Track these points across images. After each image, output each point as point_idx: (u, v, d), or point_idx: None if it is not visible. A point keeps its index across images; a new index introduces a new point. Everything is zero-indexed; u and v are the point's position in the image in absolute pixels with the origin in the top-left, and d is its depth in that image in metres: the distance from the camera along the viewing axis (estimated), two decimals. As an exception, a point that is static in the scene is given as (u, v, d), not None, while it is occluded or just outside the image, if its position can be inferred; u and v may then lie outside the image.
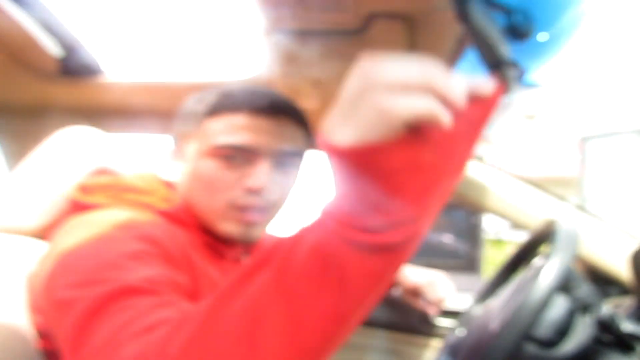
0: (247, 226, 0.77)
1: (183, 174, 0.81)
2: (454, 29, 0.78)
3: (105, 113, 1.27)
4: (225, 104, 0.77)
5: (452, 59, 0.89)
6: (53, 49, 1.11)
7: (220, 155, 0.75)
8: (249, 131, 0.75)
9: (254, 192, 0.75)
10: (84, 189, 0.80)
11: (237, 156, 0.75)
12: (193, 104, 0.82)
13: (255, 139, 0.75)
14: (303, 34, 0.83)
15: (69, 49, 1.13)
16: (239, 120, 0.76)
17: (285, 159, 0.78)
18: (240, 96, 0.78)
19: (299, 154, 0.80)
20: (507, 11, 0.58)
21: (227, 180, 0.76)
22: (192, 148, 0.79)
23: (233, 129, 0.75)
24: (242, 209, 0.76)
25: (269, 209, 0.79)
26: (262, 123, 0.76)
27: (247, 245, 0.85)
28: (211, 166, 0.76)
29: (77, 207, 0.77)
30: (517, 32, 0.57)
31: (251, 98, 0.77)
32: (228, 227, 0.77)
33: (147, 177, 0.83)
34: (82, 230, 0.67)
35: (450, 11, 0.57)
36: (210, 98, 0.79)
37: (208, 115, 0.78)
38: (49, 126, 1.30)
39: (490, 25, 0.55)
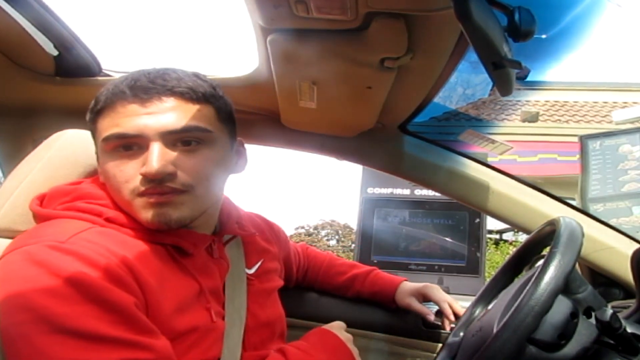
0: (157, 208, 0.75)
1: (100, 174, 0.82)
2: (454, 28, 0.77)
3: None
4: (106, 98, 0.78)
5: (452, 58, 0.88)
6: (48, 48, 1.10)
7: (113, 148, 0.76)
8: (131, 118, 0.75)
9: (151, 178, 0.73)
10: (41, 198, 0.82)
11: (130, 145, 0.76)
12: (91, 104, 0.81)
13: (139, 124, 0.74)
14: (301, 33, 0.82)
15: (64, 48, 1.11)
16: (120, 110, 0.76)
17: (182, 137, 0.77)
18: (119, 86, 0.77)
19: (197, 129, 0.78)
20: (509, 10, 0.57)
21: (127, 172, 0.75)
22: (97, 148, 0.81)
23: (116, 120, 0.76)
24: (143, 194, 0.75)
25: (182, 190, 0.76)
26: (145, 108, 0.75)
27: (215, 236, 0.88)
28: (110, 161, 0.77)
29: (36, 217, 0.80)
30: (519, 31, 0.56)
31: (129, 85, 0.77)
32: (143, 216, 0.75)
33: (87, 184, 0.84)
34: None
35: (450, 10, 0.55)
36: (99, 95, 0.80)
37: (97, 114, 0.79)
38: (43, 126, 1.29)
39: (491, 24, 0.54)
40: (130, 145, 0.76)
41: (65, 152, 0.92)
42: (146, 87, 0.76)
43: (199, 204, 0.80)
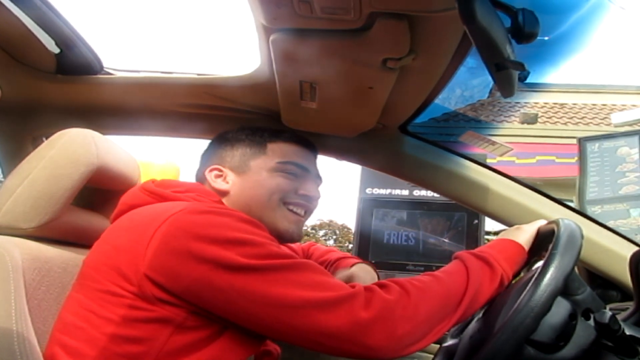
0: (295, 224, 1.02)
1: (244, 183, 1.02)
2: (457, 29, 0.77)
3: (101, 111, 1.26)
4: (281, 134, 1.07)
5: (454, 60, 0.89)
6: (49, 46, 1.10)
7: (285, 170, 1.02)
8: (305, 156, 1.06)
9: (306, 198, 1.04)
10: (157, 184, 0.95)
11: (296, 172, 1.03)
12: (251, 133, 1.06)
13: (308, 162, 1.07)
14: (303, 33, 0.82)
15: (66, 46, 1.11)
16: (297, 147, 1.06)
17: (319, 182, 1.10)
18: (290, 133, 1.09)
19: (322, 180, 1.11)
20: (513, 12, 0.57)
21: (290, 187, 1.02)
22: (256, 164, 1.03)
23: (295, 153, 1.05)
24: (293, 205, 1.02)
25: (306, 215, 1.06)
26: (310, 154, 1.09)
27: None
28: (279, 177, 1.01)
29: (153, 196, 0.91)
30: (522, 33, 0.56)
31: (298, 135, 1.09)
32: (285, 226, 1.00)
33: (194, 182, 1.04)
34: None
35: (453, 11, 0.56)
36: (267, 130, 1.07)
37: (270, 142, 1.05)
38: (44, 124, 1.29)
39: (495, 25, 0.54)
40: (295, 172, 1.03)
41: (68, 151, 0.92)
42: (310, 142, 1.10)
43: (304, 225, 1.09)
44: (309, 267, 0.80)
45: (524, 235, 0.95)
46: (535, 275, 0.75)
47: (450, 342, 1.02)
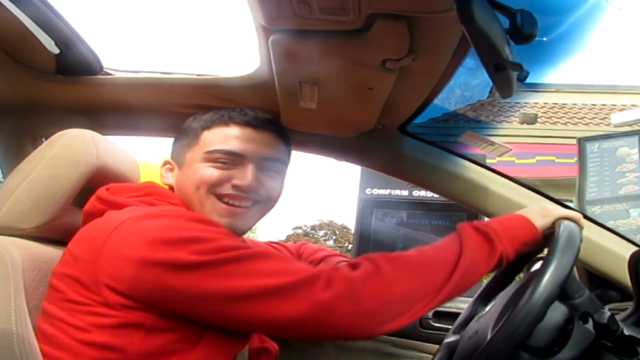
0: (231, 216, 0.93)
1: (181, 177, 0.98)
2: (456, 29, 0.77)
3: (101, 111, 1.26)
4: (219, 118, 0.97)
5: (453, 60, 0.89)
6: (49, 46, 1.10)
7: (213, 159, 0.94)
8: (238, 140, 0.95)
9: (240, 189, 0.93)
10: (109, 189, 0.92)
11: (227, 160, 0.94)
12: (191, 122, 1.01)
13: (243, 146, 0.94)
14: (303, 34, 0.82)
15: (66, 46, 1.11)
16: (230, 131, 0.96)
17: (269, 165, 0.97)
18: (232, 112, 0.98)
19: (281, 161, 1.00)
20: (511, 13, 0.57)
21: (218, 179, 0.93)
22: (190, 156, 0.97)
23: (225, 138, 0.95)
24: (228, 197, 0.93)
25: (254, 206, 0.96)
26: (250, 133, 0.96)
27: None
28: (205, 168, 0.94)
29: (106, 204, 0.89)
30: (521, 34, 0.57)
31: (240, 113, 0.98)
32: (214, 219, 0.91)
33: (153, 184, 0.98)
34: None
35: (452, 12, 0.56)
36: (206, 116, 0.99)
37: (204, 129, 0.97)
38: (43, 124, 1.29)
39: (494, 26, 0.55)
40: (226, 160, 0.94)
41: (68, 151, 0.92)
42: (257, 118, 0.98)
43: (256, 218, 0.98)
44: (264, 255, 0.77)
45: (544, 220, 0.88)
46: (532, 281, 0.75)
47: (451, 338, 1.02)
